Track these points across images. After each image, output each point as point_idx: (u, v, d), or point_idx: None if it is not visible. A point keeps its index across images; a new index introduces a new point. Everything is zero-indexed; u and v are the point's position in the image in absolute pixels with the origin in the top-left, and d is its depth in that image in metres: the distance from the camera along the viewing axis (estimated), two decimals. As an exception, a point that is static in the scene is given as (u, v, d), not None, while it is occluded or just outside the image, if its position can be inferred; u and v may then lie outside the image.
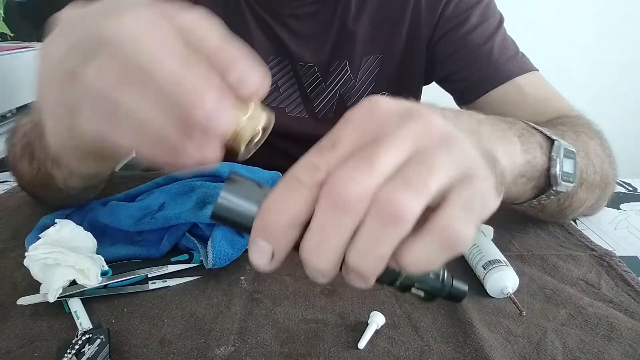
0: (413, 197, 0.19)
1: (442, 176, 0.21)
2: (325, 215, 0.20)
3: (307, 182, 0.20)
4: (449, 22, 0.67)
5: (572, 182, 0.43)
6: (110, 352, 0.36)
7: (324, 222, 0.20)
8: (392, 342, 0.37)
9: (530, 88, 0.63)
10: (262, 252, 0.21)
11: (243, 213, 0.21)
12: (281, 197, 0.20)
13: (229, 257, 0.45)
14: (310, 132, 0.77)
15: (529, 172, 0.40)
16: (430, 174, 0.20)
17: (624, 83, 1.83)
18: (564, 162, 0.42)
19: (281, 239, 0.20)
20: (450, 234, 0.20)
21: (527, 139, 0.39)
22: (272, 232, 0.20)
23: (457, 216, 0.20)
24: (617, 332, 0.38)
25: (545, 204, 0.45)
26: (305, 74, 0.72)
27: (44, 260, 0.39)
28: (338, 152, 0.21)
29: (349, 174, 0.19)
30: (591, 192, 0.50)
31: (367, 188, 0.19)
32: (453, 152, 0.21)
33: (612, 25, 1.75)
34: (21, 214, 0.59)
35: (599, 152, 0.51)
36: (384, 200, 0.19)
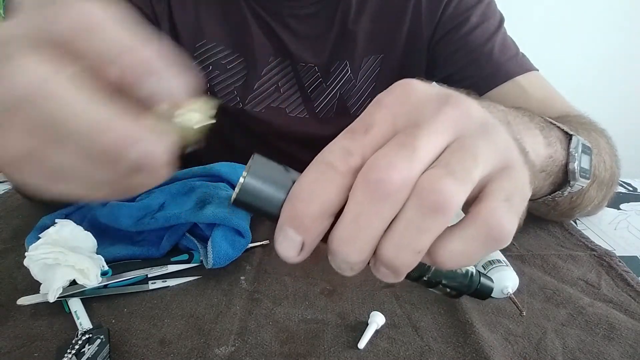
0: (457, 185, 0.18)
1: (484, 165, 0.19)
2: (362, 203, 0.18)
3: (341, 168, 0.19)
4: (450, 22, 0.67)
5: (588, 178, 0.42)
6: (110, 352, 0.36)
7: (360, 210, 0.18)
8: (392, 342, 0.37)
9: (531, 87, 0.63)
10: (292, 242, 0.19)
11: (269, 199, 0.19)
12: (312, 183, 0.19)
13: (229, 257, 0.45)
14: (311, 132, 0.77)
15: (549, 167, 0.39)
16: (473, 162, 0.19)
17: (624, 83, 1.83)
18: (582, 157, 0.41)
19: (312, 229, 0.19)
20: (495, 226, 0.19)
21: (549, 133, 0.39)
22: (302, 221, 0.19)
23: (501, 207, 0.19)
24: (617, 332, 0.38)
25: (559, 201, 0.45)
26: (306, 74, 0.72)
27: (44, 260, 0.39)
28: (373, 137, 0.19)
29: (389, 159, 0.18)
30: (600, 190, 0.50)
31: (409, 175, 0.18)
32: (493, 141, 0.20)
33: (613, 25, 1.75)
34: (21, 214, 0.59)
35: (608, 150, 0.51)
36: (426, 188, 0.18)
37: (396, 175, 0.18)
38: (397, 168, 0.18)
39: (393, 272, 0.20)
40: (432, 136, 0.19)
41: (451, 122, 0.20)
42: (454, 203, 0.18)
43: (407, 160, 0.18)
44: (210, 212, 0.46)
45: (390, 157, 0.18)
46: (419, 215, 0.18)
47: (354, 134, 0.20)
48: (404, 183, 0.18)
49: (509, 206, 0.19)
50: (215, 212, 0.46)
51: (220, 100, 0.22)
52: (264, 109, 0.73)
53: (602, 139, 0.52)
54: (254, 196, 0.19)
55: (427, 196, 0.18)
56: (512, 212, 0.19)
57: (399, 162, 0.18)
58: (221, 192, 0.51)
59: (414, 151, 0.18)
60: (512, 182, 0.20)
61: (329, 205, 0.19)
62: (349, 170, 0.19)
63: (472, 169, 0.19)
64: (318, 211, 0.18)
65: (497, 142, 0.20)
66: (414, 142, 0.18)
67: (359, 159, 0.19)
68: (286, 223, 0.19)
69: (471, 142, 0.20)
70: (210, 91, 0.74)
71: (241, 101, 0.73)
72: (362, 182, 0.18)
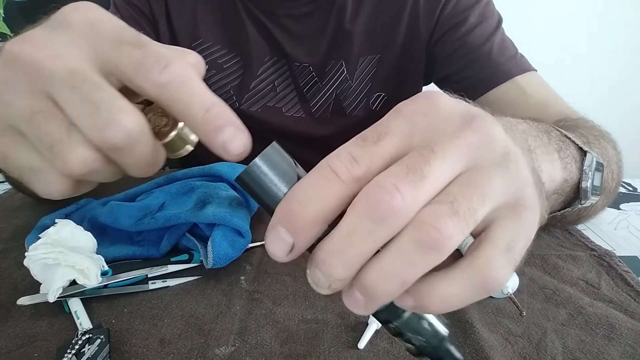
0: (458, 225, 0.17)
1: (493, 202, 0.19)
2: (359, 220, 0.18)
3: (343, 176, 0.18)
4: (448, 22, 0.67)
5: (598, 195, 0.41)
6: (110, 352, 0.36)
7: (355, 227, 0.18)
8: (392, 342, 0.37)
9: (530, 88, 0.63)
10: (282, 242, 0.18)
11: (270, 189, 0.19)
12: (312, 187, 0.18)
13: (229, 257, 0.45)
14: (307, 132, 0.77)
15: (562, 188, 0.38)
16: (481, 201, 0.18)
17: (624, 83, 1.83)
18: (595, 175, 0.40)
19: (305, 233, 0.18)
20: (490, 278, 0.18)
21: (565, 153, 0.37)
22: (296, 223, 0.18)
23: (500, 258, 0.18)
24: (617, 332, 0.38)
25: (567, 215, 0.44)
26: (301, 74, 0.72)
27: (44, 260, 0.39)
28: (383, 148, 0.19)
29: (395, 182, 0.17)
30: (606, 199, 0.50)
31: (413, 204, 0.17)
32: (510, 175, 0.19)
33: (612, 26, 1.75)
34: (21, 214, 0.59)
35: (615, 159, 0.50)
36: (426, 223, 0.17)
37: (399, 201, 0.17)
38: (402, 194, 0.17)
39: (368, 299, 0.18)
40: (446, 163, 0.18)
41: (470, 148, 0.19)
42: (451, 245, 0.17)
43: (413, 188, 0.17)
44: (210, 212, 0.46)
45: (396, 180, 0.17)
46: (413, 248, 0.17)
47: (365, 141, 0.19)
48: (405, 210, 0.17)
49: (508, 256, 0.19)
50: (215, 212, 0.46)
51: None
52: (260, 109, 0.74)
53: (609, 144, 0.51)
54: (256, 181, 0.19)
55: (425, 231, 0.17)
56: (510, 263, 0.19)
57: (405, 187, 0.17)
58: (221, 192, 0.51)
59: (422, 179, 0.17)
60: (519, 225, 0.19)
61: (325, 211, 0.18)
62: (352, 179, 0.18)
63: (478, 209, 0.18)
64: (313, 216, 0.18)
65: (515, 177, 0.19)
66: (425, 167, 0.18)
67: (363, 169, 0.18)
68: (280, 222, 0.18)
69: (485, 175, 0.19)
70: None
71: (237, 100, 0.73)
72: (363, 199, 0.18)
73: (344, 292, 0.19)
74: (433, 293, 0.18)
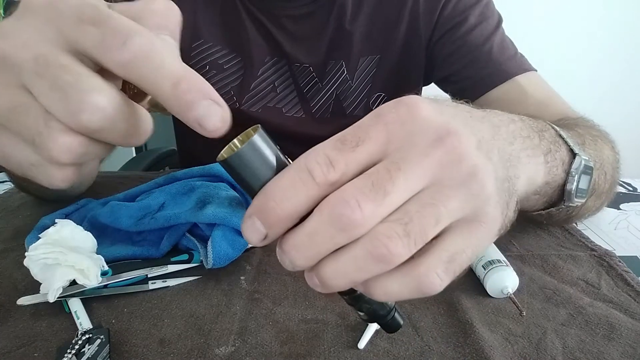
0: (407, 245, 0.19)
1: (446, 222, 0.21)
2: (322, 225, 0.20)
3: (319, 179, 0.20)
4: (448, 22, 0.67)
5: (583, 198, 0.42)
6: (110, 352, 0.36)
7: (317, 230, 0.20)
8: (392, 342, 0.37)
9: (530, 88, 0.63)
10: (256, 231, 0.20)
11: (253, 174, 0.21)
12: (288, 186, 0.20)
13: (229, 257, 0.45)
14: (307, 132, 0.77)
15: (543, 190, 0.38)
16: (435, 221, 0.20)
17: (624, 83, 1.83)
18: (581, 178, 0.40)
19: (277, 227, 0.20)
20: (425, 284, 0.21)
21: (553, 156, 0.37)
22: (269, 219, 0.20)
23: (439, 268, 0.21)
24: (617, 332, 0.38)
25: (553, 214, 0.45)
26: (301, 74, 0.72)
27: (44, 260, 0.39)
28: (359, 155, 0.20)
29: (359, 197, 0.19)
30: (598, 199, 0.50)
31: (371, 218, 0.19)
32: (470, 194, 0.21)
33: (612, 25, 1.75)
34: (21, 214, 0.59)
35: (611, 159, 0.50)
36: (379, 239, 0.19)
37: (359, 216, 0.19)
38: (362, 210, 0.19)
39: (324, 285, 0.21)
40: (409, 181, 0.20)
41: (436, 166, 0.20)
42: (397, 261, 0.20)
43: (374, 204, 0.19)
44: (210, 212, 0.46)
45: (360, 197, 0.19)
46: (364, 257, 0.20)
47: (343, 144, 0.20)
48: (363, 224, 0.19)
49: (448, 267, 0.21)
50: (215, 212, 0.46)
51: None
52: (260, 109, 0.74)
53: (606, 145, 0.51)
54: (241, 166, 0.20)
55: (376, 246, 0.19)
56: (448, 274, 0.21)
57: (366, 205, 0.19)
58: (221, 192, 0.51)
59: (384, 196, 0.19)
60: (469, 240, 0.21)
61: (297, 210, 0.20)
62: (326, 183, 0.20)
63: (430, 230, 0.20)
64: (286, 214, 0.20)
65: (475, 197, 0.21)
66: (389, 185, 0.19)
67: (338, 174, 0.20)
68: (255, 214, 0.20)
69: (445, 194, 0.20)
70: None
71: (238, 101, 0.73)
72: (329, 208, 0.19)
73: (306, 272, 0.22)
74: (378, 286, 0.21)
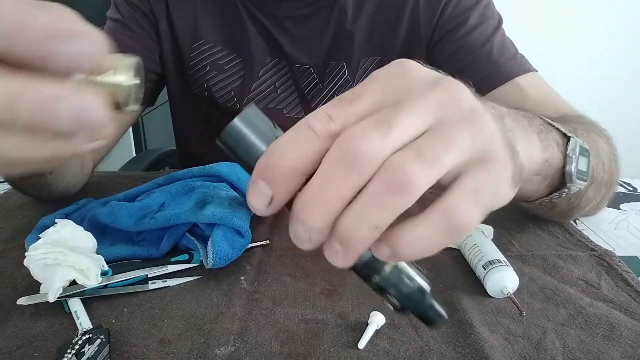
0: (424, 169, 0.18)
1: (458, 154, 0.20)
2: (331, 168, 0.19)
3: (319, 131, 0.19)
4: (448, 23, 0.67)
5: (585, 181, 0.42)
6: (110, 352, 0.36)
7: (328, 175, 0.19)
8: (392, 342, 0.37)
9: (530, 88, 0.63)
10: (261, 194, 0.19)
11: (250, 147, 0.20)
12: (289, 141, 0.19)
13: (229, 257, 0.45)
14: None
15: (544, 170, 0.39)
16: (446, 149, 0.19)
17: (625, 83, 1.83)
18: (579, 159, 0.41)
19: (282, 184, 0.19)
20: (455, 217, 0.19)
21: (545, 136, 0.38)
22: (273, 175, 0.19)
23: (465, 200, 0.19)
24: (617, 332, 0.38)
25: (556, 202, 0.45)
26: (302, 75, 0.72)
27: (44, 260, 0.39)
28: (357, 107, 0.20)
29: (364, 131, 0.18)
30: (599, 191, 0.50)
31: (380, 150, 0.18)
32: (475, 129, 0.20)
33: (612, 25, 1.75)
34: (21, 214, 0.59)
35: (607, 151, 0.50)
36: (393, 167, 0.18)
37: (367, 147, 0.18)
38: (370, 141, 0.18)
39: (345, 248, 0.19)
40: (412, 117, 0.19)
41: (436, 104, 0.20)
42: (418, 186, 0.18)
43: (381, 136, 0.18)
44: (210, 212, 0.46)
45: (366, 130, 0.19)
46: (382, 191, 0.18)
47: (340, 102, 0.20)
48: (373, 157, 0.18)
49: (474, 200, 0.20)
50: (215, 212, 0.46)
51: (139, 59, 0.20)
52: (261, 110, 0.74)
53: (601, 139, 0.51)
54: (236, 140, 0.20)
55: (392, 174, 0.18)
56: (476, 207, 0.20)
57: (373, 136, 0.18)
58: (221, 192, 0.51)
59: (390, 128, 0.19)
60: (486, 176, 0.20)
61: (301, 163, 0.19)
62: (327, 134, 0.19)
63: (443, 155, 0.19)
64: (289, 167, 0.19)
65: (481, 132, 0.21)
66: (393, 119, 0.19)
67: (338, 126, 0.19)
68: (259, 175, 0.19)
69: (451, 128, 0.20)
70: (208, 91, 0.74)
71: (238, 102, 0.73)
72: (334, 148, 0.19)
73: (324, 245, 0.20)
74: (405, 238, 0.19)
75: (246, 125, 0.20)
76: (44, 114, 0.16)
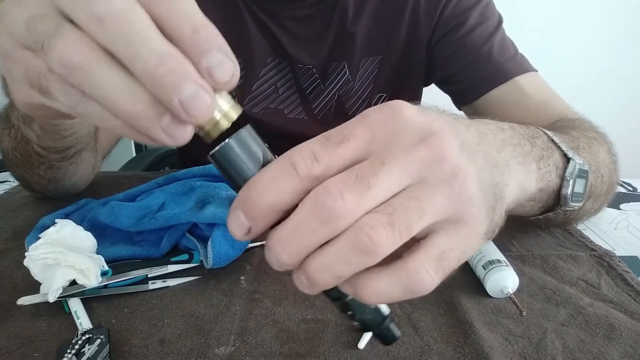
0: (392, 236, 0.19)
1: (431, 217, 0.20)
2: (306, 217, 0.20)
3: (302, 173, 0.20)
4: (448, 23, 0.67)
5: (580, 202, 0.42)
6: (110, 352, 0.36)
7: (301, 222, 0.20)
8: (392, 342, 0.37)
9: (530, 88, 0.63)
10: (240, 224, 0.20)
11: (240, 169, 0.21)
12: (271, 179, 0.20)
13: (229, 257, 0.45)
14: (309, 134, 0.76)
15: (537, 197, 0.38)
16: (420, 215, 0.20)
17: (624, 83, 1.83)
18: (576, 182, 0.40)
19: (259, 220, 0.20)
20: (415, 282, 0.20)
21: (546, 162, 0.37)
22: (252, 211, 0.20)
23: (428, 265, 0.20)
24: (617, 332, 0.38)
25: (551, 218, 0.45)
26: (304, 75, 0.72)
27: (44, 260, 0.39)
28: (343, 151, 0.20)
29: (342, 188, 0.19)
30: (596, 202, 0.50)
31: (354, 211, 0.19)
32: (453, 192, 0.21)
33: (612, 25, 1.75)
34: (21, 214, 0.59)
35: (608, 162, 0.50)
36: (362, 229, 0.19)
37: (341, 207, 0.19)
38: (345, 201, 0.19)
39: (310, 284, 0.21)
40: (392, 176, 0.20)
41: (419, 164, 0.20)
42: (384, 250, 0.19)
43: (357, 196, 0.19)
44: (210, 212, 0.46)
45: (343, 187, 0.19)
46: (348, 249, 0.19)
47: (328, 140, 0.20)
48: (346, 216, 0.19)
49: (437, 265, 0.21)
50: (215, 212, 0.46)
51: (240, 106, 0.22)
52: (262, 110, 0.74)
53: (602, 148, 0.51)
54: (229, 160, 0.21)
55: (360, 237, 0.19)
56: (437, 273, 0.21)
57: (349, 195, 0.19)
58: (221, 192, 0.51)
59: (368, 188, 0.19)
60: (455, 238, 0.21)
61: (279, 203, 0.20)
62: (309, 177, 0.20)
63: (414, 223, 0.20)
64: (267, 206, 0.20)
65: (459, 195, 0.21)
66: (372, 178, 0.19)
67: (322, 169, 0.20)
68: (239, 207, 0.20)
69: (428, 191, 0.20)
70: None
71: (239, 102, 0.73)
72: (312, 199, 0.19)
73: (293, 272, 0.21)
74: (367, 286, 0.21)
75: (239, 147, 0.21)
76: (171, 78, 0.18)
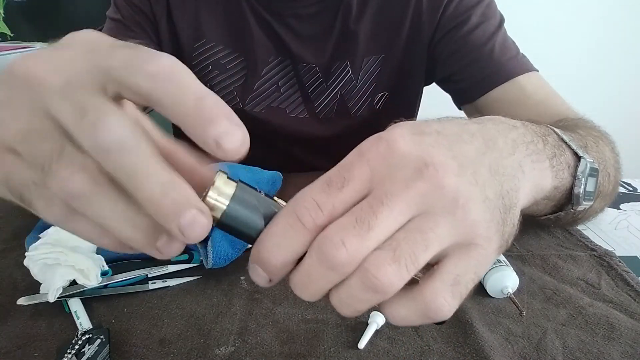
0: (399, 271, 0.20)
1: (437, 246, 0.21)
2: (314, 265, 0.20)
3: (308, 225, 0.20)
4: (450, 22, 0.67)
5: (592, 200, 0.41)
6: (110, 352, 0.36)
7: (311, 270, 0.20)
8: (392, 342, 0.37)
9: (531, 88, 0.63)
10: (260, 276, 0.21)
11: (246, 227, 0.21)
12: (279, 235, 0.21)
13: (229, 257, 0.45)
14: (310, 132, 0.77)
15: (552, 195, 0.38)
16: (424, 247, 0.20)
17: (625, 83, 1.83)
18: (588, 181, 0.40)
19: (276, 273, 0.21)
20: (433, 308, 0.21)
21: (558, 160, 0.36)
22: (267, 267, 0.21)
23: (445, 292, 0.21)
24: (617, 332, 0.38)
25: (561, 217, 0.45)
26: (307, 74, 0.72)
27: (44, 260, 0.39)
28: (345, 195, 0.21)
29: (343, 236, 0.19)
30: (603, 201, 0.50)
31: (358, 254, 0.20)
32: (456, 220, 0.21)
33: (613, 25, 1.75)
34: (21, 214, 0.59)
35: (612, 161, 0.50)
36: (369, 271, 0.20)
37: (344, 254, 0.19)
38: (347, 247, 0.19)
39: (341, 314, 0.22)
40: (393, 214, 0.20)
41: (419, 198, 0.21)
42: (393, 287, 0.20)
43: (359, 240, 0.19)
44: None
45: (344, 234, 0.20)
46: (360, 289, 0.20)
47: (329, 187, 0.21)
48: (351, 260, 0.20)
49: (453, 291, 0.21)
50: (215, 212, 0.46)
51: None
52: (263, 109, 0.73)
53: (607, 147, 0.50)
54: (233, 223, 0.21)
55: (368, 278, 0.20)
56: (455, 296, 0.21)
57: (351, 241, 0.19)
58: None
59: (369, 230, 0.20)
60: (468, 261, 0.21)
61: (292, 256, 0.21)
62: (315, 228, 0.20)
63: (420, 255, 0.20)
64: (281, 262, 0.21)
65: (463, 220, 0.21)
66: (372, 219, 0.20)
67: (327, 217, 0.20)
68: (255, 262, 0.21)
69: (432, 222, 0.21)
70: None
71: (241, 101, 0.73)
72: (315, 249, 0.20)
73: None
74: (389, 311, 0.22)
75: (240, 206, 0.21)
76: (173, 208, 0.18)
